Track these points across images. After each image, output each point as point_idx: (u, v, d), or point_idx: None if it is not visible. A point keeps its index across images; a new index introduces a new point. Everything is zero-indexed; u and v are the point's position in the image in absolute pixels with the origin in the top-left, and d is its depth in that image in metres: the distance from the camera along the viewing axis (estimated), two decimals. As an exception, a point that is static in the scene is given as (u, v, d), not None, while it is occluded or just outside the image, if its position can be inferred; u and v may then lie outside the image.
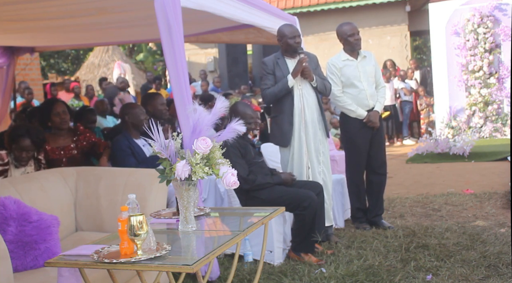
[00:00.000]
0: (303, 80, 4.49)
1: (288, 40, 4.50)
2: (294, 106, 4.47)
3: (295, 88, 4.47)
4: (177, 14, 3.46)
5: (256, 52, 14.53)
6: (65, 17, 4.89)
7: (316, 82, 4.50)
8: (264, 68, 4.55)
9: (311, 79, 4.47)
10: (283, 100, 4.49)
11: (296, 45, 4.49)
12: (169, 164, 2.68)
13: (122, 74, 15.68)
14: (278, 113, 4.56)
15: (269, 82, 4.49)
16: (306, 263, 4.02)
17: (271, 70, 4.50)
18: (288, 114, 4.48)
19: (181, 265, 2.22)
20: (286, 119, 4.49)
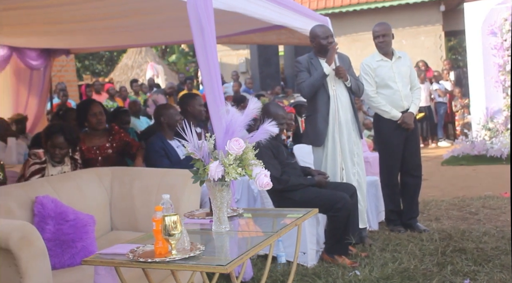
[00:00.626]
0: (337, 80, 4.45)
1: (320, 40, 4.48)
2: (329, 106, 4.44)
3: (329, 88, 4.44)
4: (209, 15, 3.48)
5: (288, 53, 14.52)
6: (99, 19, 4.97)
7: (350, 82, 4.47)
8: (298, 66, 4.53)
9: (346, 79, 4.43)
10: (318, 99, 4.45)
11: (328, 45, 4.46)
12: (202, 165, 2.69)
13: (155, 75, 15.86)
14: (312, 113, 4.53)
15: (305, 76, 4.46)
16: (340, 265, 3.99)
17: (305, 67, 4.48)
18: (323, 113, 4.44)
19: (215, 265, 2.23)
20: (320, 119, 4.45)
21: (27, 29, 5.41)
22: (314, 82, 4.41)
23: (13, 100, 7.16)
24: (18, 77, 7.14)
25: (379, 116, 5.00)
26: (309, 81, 4.42)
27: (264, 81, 14.08)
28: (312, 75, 4.43)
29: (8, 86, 7.11)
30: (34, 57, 7.07)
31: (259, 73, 14.22)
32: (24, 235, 2.47)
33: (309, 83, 4.42)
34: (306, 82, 4.43)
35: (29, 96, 7.27)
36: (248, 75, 15.20)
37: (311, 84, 4.42)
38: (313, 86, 4.42)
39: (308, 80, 4.43)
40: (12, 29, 5.40)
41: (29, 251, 2.47)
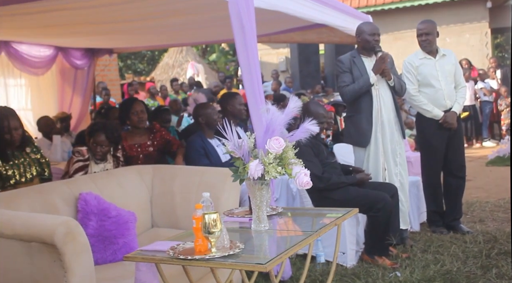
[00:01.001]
0: (379, 79, 4.39)
1: (366, 36, 4.41)
2: (372, 106, 4.38)
3: (372, 88, 4.38)
4: (250, 14, 3.48)
5: (329, 51, 14.41)
6: (142, 19, 5.04)
7: (393, 81, 4.40)
8: (340, 66, 4.47)
9: (389, 78, 4.36)
10: (361, 99, 4.39)
11: (374, 42, 4.39)
12: (242, 163, 2.69)
13: (195, 74, 16.00)
14: (355, 113, 4.47)
15: (347, 79, 4.40)
16: (380, 266, 3.94)
17: (347, 68, 4.42)
18: (367, 113, 4.38)
19: (255, 263, 2.23)
20: (364, 119, 4.39)
21: (72, 30, 5.54)
22: (359, 90, 4.33)
23: (58, 98, 7.34)
24: (63, 76, 7.32)
25: (421, 115, 4.91)
26: (352, 88, 4.35)
27: (304, 80, 14.02)
28: (357, 81, 4.35)
29: (53, 85, 7.30)
30: (78, 57, 7.24)
31: (299, 72, 14.16)
32: (68, 230, 2.53)
33: (353, 89, 4.35)
34: (349, 87, 4.36)
35: (73, 95, 7.44)
36: (288, 74, 15.17)
37: (355, 91, 4.34)
38: (357, 93, 4.35)
39: (352, 86, 4.35)
40: (58, 30, 5.54)
41: (73, 247, 2.52)
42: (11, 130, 3.69)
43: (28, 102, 7.07)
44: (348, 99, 4.45)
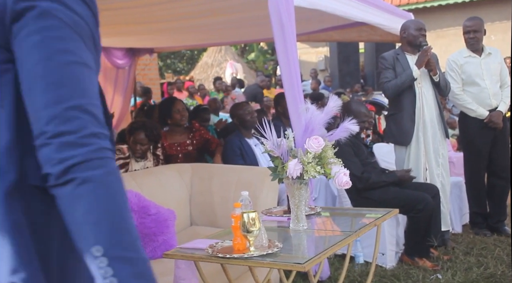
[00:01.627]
0: (423, 76, 4.30)
1: (412, 31, 4.32)
2: (415, 104, 4.29)
3: (415, 86, 4.29)
4: (290, 13, 3.48)
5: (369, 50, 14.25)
6: (182, 18, 5.09)
7: (438, 77, 4.30)
8: (383, 62, 4.39)
9: (435, 72, 4.26)
10: (403, 97, 4.31)
11: (421, 37, 4.30)
12: (281, 162, 2.69)
13: (234, 74, 16.07)
14: (396, 111, 4.40)
15: (390, 75, 4.31)
16: (421, 268, 3.87)
17: (390, 64, 4.33)
18: (409, 111, 4.30)
19: (293, 263, 2.22)
20: (407, 117, 4.31)
21: (114, 30, 5.63)
22: (401, 84, 4.24)
23: (100, 97, 7.47)
24: (105, 75, 7.45)
25: (464, 115, 4.80)
26: (395, 83, 4.25)
27: (343, 79, 13.90)
28: (399, 76, 4.26)
29: (96, 85, 7.43)
30: (120, 56, 7.35)
31: (338, 71, 14.05)
32: (109, 227, 2.57)
33: (395, 84, 4.25)
34: (391, 82, 4.27)
35: (114, 94, 7.57)
36: (326, 72, 15.07)
37: (397, 86, 4.25)
38: (399, 88, 4.26)
39: (394, 81, 4.26)
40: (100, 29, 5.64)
41: (114, 243, 2.56)
42: None
43: (71, 101, 7.21)
44: (390, 95, 4.35)
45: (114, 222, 1.01)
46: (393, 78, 4.29)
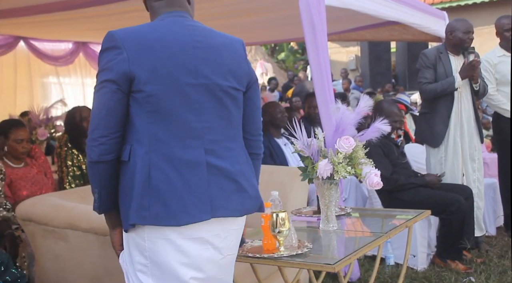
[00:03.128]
0: (464, 82, 4.22)
1: (460, 34, 4.21)
2: (452, 108, 4.21)
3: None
4: (321, 12, 3.46)
5: (400, 49, 14.12)
6: (213, 19, 5.11)
7: (478, 86, 4.22)
8: (424, 60, 4.27)
9: (476, 82, 4.19)
10: (439, 99, 4.21)
11: (469, 41, 4.21)
12: (311, 162, 2.68)
13: (264, 74, 16.08)
14: (430, 111, 4.32)
15: (429, 76, 4.21)
16: (453, 271, 3.81)
17: (431, 63, 4.23)
18: (443, 114, 4.22)
19: (323, 263, 2.21)
20: (439, 119, 4.23)
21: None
22: (440, 92, 4.15)
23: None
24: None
25: (498, 115, 4.70)
26: (434, 88, 4.16)
27: (374, 78, 13.78)
28: (441, 82, 4.16)
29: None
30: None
31: (369, 70, 13.94)
32: (140, 225, 2.60)
33: (434, 90, 4.17)
34: (431, 86, 4.18)
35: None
36: (357, 72, 14.96)
37: (436, 92, 4.17)
38: (437, 94, 4.18)
39: (435, 86, 4.17)
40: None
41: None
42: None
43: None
44: (428, 98, 4.27)
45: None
46: (432, 79, 4.21)
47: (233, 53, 1.95)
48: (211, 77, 1.84)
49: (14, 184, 3.77)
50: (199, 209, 1.78)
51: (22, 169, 3.89)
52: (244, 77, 1.95)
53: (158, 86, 1.76)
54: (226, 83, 1.88)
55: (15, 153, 3.85)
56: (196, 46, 1.84)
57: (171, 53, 1.79)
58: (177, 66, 1.79)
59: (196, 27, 1.90)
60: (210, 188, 1.80)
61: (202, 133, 1.82)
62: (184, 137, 1.80)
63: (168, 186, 1.75)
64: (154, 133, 1.78)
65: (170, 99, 1.78)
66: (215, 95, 1.85)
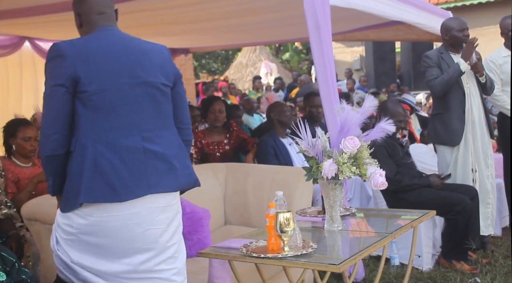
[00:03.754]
0: (470, 77, 4.19)
1: (455, 33, 4.22)
2: (464, 104, 4.18)
3: (464, 85, 4.21)
4: (326, 12, 3.46)
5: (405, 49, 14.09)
6: (217, 19, 5.12)
7: (485, 78, 4.20)
8: (427, 61, 4.26)
9: (481, 73, 4.17)
10: (451, 97, 4.20)
11: (464, 38, 4.20)
12: (316, 162, 2.67)
13: (268, 74, 16.08)
14: (443, 110, 4.27)
15: (436, 73, 4.19)
16: (458, 271, 3.80)
17: (435, 63, 4.22)
18: (458, 111, 4.19)
19: (328, 264, 2.21)
20: (455, 117, 4.20)
21: (150, 30, 5.70)
22: (448, 79, 4.12)
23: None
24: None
25: (503, 115, 4.68)
26: (442, 78, 4.14)
27: (379, 78, 13.76)
28: (446, 72, 4.15)
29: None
30: (156, 57, 7.44)
31: (373, 70, 13.91)
32: (145, 225, 2.60)
33: (443, 80, 4.13)
34: (438, 79, 4.15)
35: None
36: (362, 72, 14.94)
37: (445, 81, 4.13)
38: (447, 84, 4.14)
39: (441, 77, 4.14)
40: (137, 30, 5.70)
41: (150, 241, 2.59)
42: None
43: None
44: (439, 91, 4.20)
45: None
46: (439, 75, 4.19)
47: (160, 55, 2.33)
48: (144, 76, 2.22)
49: (21, 183, 3.79)
50: (137, 187, 2.12)
51: (30, 168, 3.90)
52: (171, 74, 2.32)
53: (99, 87, 2.13)
54: (157, 80, 2.25)
55: (23, 152, 3.87)
56: (129, 52, 2.23)
57: (108, 59, 2.18)
58: (115, 69, 2.17)
59: (127, 37, 2.30)
60: (147, 169, 2.15)
61: (139, 123, 2.19)
62: (123, 127, 2.15)
63: (112, 170, 2.09)
64: (98, 126, 2.13)
65: (109, 96, 2.14)
66: (148, 91, 2.23)
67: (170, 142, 2.27)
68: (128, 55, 2.22)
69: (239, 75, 18.01)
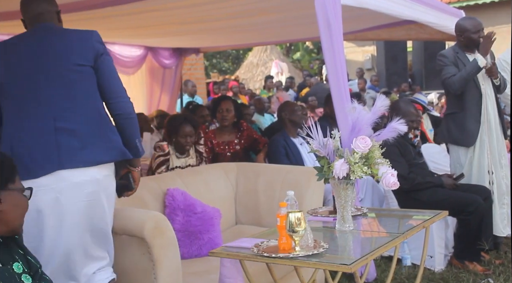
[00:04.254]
0: (485, 77, 4.16)
1: (471, 34, 4.16)
2: (481, 105, 4.15)
3: (480, 85, 4.16)
4: (337, 12, 3.44)
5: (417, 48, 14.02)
6: (228, 18, 5.12)
7: (499, 80, 4.17)
8: (443, 60, 4.22)
9: (496, 76, 4.14)
10: (467, 96, 4.16)
11: (479, 40, 4.17)
12: (327, 162, 2.66)
13: (279, 73, 16.06)
14: (457, 110, 4.24)
15: (452, 70, 4.13)
16: (471, 272, 3.77)
17: (451, 61, 4.18)
18: (473, 111, 4.16)
19: (339, 264, 2.20)
20: (470, 117, 4.16)
21: (161, 30, 5.72)
22: (467, 76, 4.06)
23: (147, 97, 7.61)
24: (152, 75, 7.57)
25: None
26: (460, 75, 4.08)
27: (390, 78, 13.69)
28: (464, 69, 4.09)
29: (143, 84, 7.57)
30: (167, 56, 7.46)
31: (385, 70, 13.84)
32: (157, 225, 2.61)
33: (461, 77, 4.08)
34: (457, 76, 4.09)
35: (161, 93, 7.69)
36: (373, 72, 14.87)
37: (464, 78, 4.07)
38: (466, 80, 4.08)
39: (459, 74, 4.09)
40: (148, 30, 5.74)
41: (161, 240, 2.60)
42: None
43: (120, 100, 7.37)
44: (457, 89, 4.14)
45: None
46: (456, 73, 4.13)
47: (78, 39, 2.51)
48: (55, 62, 2.45)
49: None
50: (49, 163, 2.34)
51: None
52: (90, 54, 2.48)
53: (11, 79, 2.44)
54: (70, 62, 2.45)
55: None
56: (44, 43, 2.48)
57: (21, 53, 2.48)
58: (26, 61, 2.45)
59: (50, 30, 2.54)
60: (58, 146, 2.37)
61: (52, 104, 2.41)
62: (36, 111, 2.41)
63: (26, 151, 2.35)
64: (13, 113, 2.43)
65: (21, 86, 2.44)
66: (60, 74, 2.44)
67: (87, 119, 2.44)
68: (43, 46, 2.48)
69: (250, 75, 18.01)
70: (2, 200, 1.77)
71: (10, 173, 1.82)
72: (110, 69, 2.55)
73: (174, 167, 4.23)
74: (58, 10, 2.65)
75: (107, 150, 2.45)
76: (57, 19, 2.64)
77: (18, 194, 1.85)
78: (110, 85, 2.53)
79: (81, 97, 2.45)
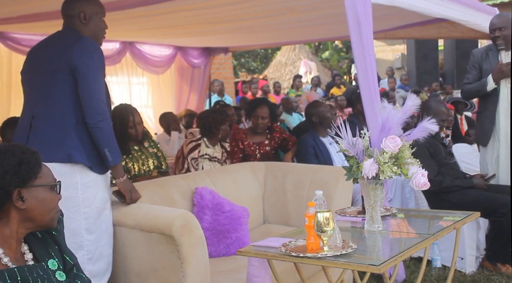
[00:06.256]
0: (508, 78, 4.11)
1: (490, 33, 4.17)
2: (498, 104, 4.12)
3: (503, 85, 4.11)
4: (367, 10, 3.41)
5: (448, 47, 13.82)
6: (257, 17, 5.12)
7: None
8: (471, 60, 4.30)
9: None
10: (488, 97, 4.15)
11: (496, 39, 4.10)
12: (356, 162, 2.64)
13: (307, 72, 16.01)
14: (482, 110, 4.28)
15: (471, 77, 4.24)
16: (503, 275, 3.70)
17: (477, 62, 4.21)
18: (491, 111, 4.14)
19: (368, 264, 2.18)
20: (487, 117, 4.16)
21: (191, 30, 5.75)
22: (475, 92, 4.26)
23: (176, 96, 7.67)
24: (181, 74, 7.63)
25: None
26: (469, 88, 4.25)
27: (421, 77, 13.52)
28: (476, 83, 4.20)
29: (172, 83, 7.64)
30: (195, 56, 7.51)
31: (415, 69, 13.68)
32: (185, 223, 2.63)
33: (470, 90, 4.26)
34: (467, 87, 4.26)
35: (190, 93, 7.74)
36: (403, 71, 14.71)
37: (471, 92, 4.28)
38: (472, 95, 4.32)
39: (469, 87, 4.25)
40: (177, 30, 5.78)
41: (190, 239, 2.62)
42: (135, 124, 3.91)
43: (149, 99, 7.45)
44: (464, 97, 4.41)
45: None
46: (474, 80, 4.23)
47: (63, 46, 2.76)
48: (42, 67, 2.78)
49: None
50: None
51: None
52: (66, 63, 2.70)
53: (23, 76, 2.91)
54: (51, 68, 2.73)
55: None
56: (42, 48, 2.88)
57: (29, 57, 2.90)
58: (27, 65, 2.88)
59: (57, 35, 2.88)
60: (29, 142, 2.67)
61: (32, 105, 2.79)
62: (24, 109, 2.84)
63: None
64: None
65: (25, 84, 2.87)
66: (43, 78, 2.76)
67: (55, 121, 2.70)
68: (40, 51, 2.86)
69: (278, 74, 17.99)
70: (25, 198, 1.75)
71: (30, 171, 1.75)
72: (84, 79, 2.71)
73: (204, 154, 4.45)
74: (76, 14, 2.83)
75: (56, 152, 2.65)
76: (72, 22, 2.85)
77: (43, 189, 1.79)
78: (82, 97, 2.72)
79: (56, 100, 2.72)
